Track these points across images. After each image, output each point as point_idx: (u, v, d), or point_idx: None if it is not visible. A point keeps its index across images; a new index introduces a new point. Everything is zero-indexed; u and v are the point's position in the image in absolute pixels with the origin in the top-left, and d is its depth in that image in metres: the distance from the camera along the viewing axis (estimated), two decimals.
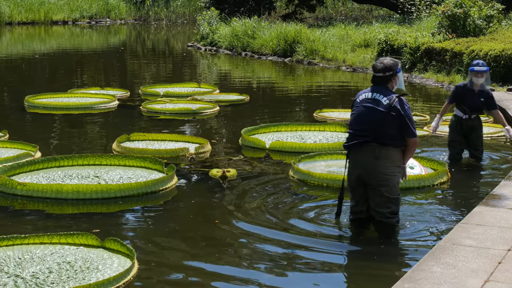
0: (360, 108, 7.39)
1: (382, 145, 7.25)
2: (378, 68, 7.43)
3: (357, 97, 7.50)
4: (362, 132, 7.31)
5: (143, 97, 17.16)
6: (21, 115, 15.12)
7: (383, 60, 7.51)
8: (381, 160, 7.26)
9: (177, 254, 7.09)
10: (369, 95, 7.40)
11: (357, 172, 7.40)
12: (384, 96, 7.32)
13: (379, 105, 7.29)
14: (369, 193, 7.44)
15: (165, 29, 45.37)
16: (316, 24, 32.06)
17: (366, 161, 7.30)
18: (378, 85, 7.44)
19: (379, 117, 7.25)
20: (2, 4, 44.38)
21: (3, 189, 8.91)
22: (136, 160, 10.19)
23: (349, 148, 7.45)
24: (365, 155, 7.30)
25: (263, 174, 10.07)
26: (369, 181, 7.36)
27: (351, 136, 7.44)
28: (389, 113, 7.23)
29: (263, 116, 15.19)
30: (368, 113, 7.31)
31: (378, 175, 7.29)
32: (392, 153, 7.30)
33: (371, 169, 7.29)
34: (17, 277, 6.33)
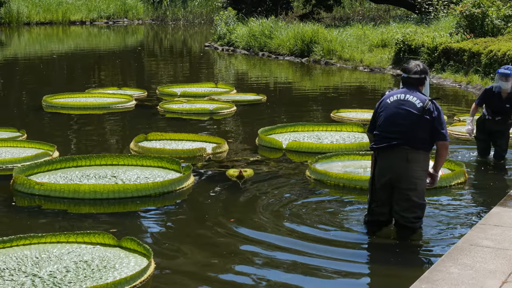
0: (391, 110, 7.30)
1: (414, 148, 7.18)
2: (414, 69, 7.39)
3: (387, 98, 7.41)
4: (394, 134, 7.23)
5: (160, 97, 17.19)
6: (39, 115, 15.18)
7: (417, 62, 7.49)
8: (413, 163, 7.19)
9: (194, 253, 7.09)
10: (402, 96, 7.32)
11: (387, 175, 7.29)
12: (417, 98, 7.26)
13: (412, 107, 7.22)
14: (395, 197, 7.35)
15: (182, 29, 45.44)
16: (333, 24, 32.01)
17: (398, 164, 7.21)
18: (411, 87, 7.38)
19: (412, 120, 7.18)
20: (20, 4, 44.59)
21: (21, 188, 8.95)
22: (153, 160, 10.21)
23: (378, 150, 7.35)
24: (397, 158, 7.21)
25: (279, 174, 10.07)
26: (398, 184, 7.26)
27: (380, 138, 7.33)
28: (423, 116, 7.17)
29: (280, 116, 15.18)
30: (401, 115, 7.23)
31: (408, 178, 7.22)
32: (423, 157, 7.25)
33: (402, 172, 7.21)
34: (34, 276, 6.35)
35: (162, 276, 6.56)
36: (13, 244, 7.08)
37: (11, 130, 12.40)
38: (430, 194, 9.02)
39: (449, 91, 18.78)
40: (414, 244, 7.30)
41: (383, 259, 6.95)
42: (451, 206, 8.62)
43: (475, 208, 8.58)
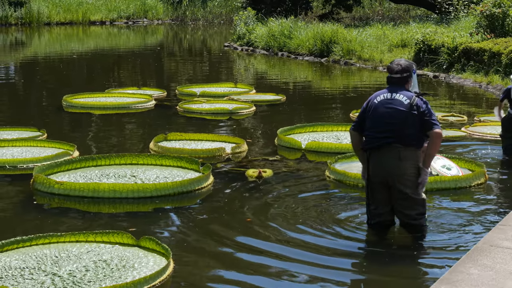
0: (379, 109, 7.27)
1: (406, 145, 7.14)
2: (395, 69, 7.36)
3: (374, 98, 7.39)
4: (384, 133, 7.20)
5: (179, 97, 17.22)
6: (59, 114, 15.25)
7: (399, 61, 7.44)
8: (405, 161, 7.15)
9: (212, 253, 7.10)
10: (388, 95, 7.30)
11: (381, 175, 7.26)
12: (404, 95, 7.24)
13: (400, 105, 7.20)
14: (393, 196, 7.31)
15: (201, 29, 45.50)
16: (353, 24, 31.96)
17: (390, 162, 7.17)
18: (395, 86, 7.36)
19: (401, 117, 7.15)
20: (41, 4, 44.83)
21: (41, 187, 8.99)
22: (172, 159, 10.23)
23: (370, 151, 7.31)
24: (389, 156, 7.18)
25: (299, 175, 10.06)
26: (393, 183, 7.22)
27: (371, 138, 7.30)
28: (411, 112, 7.14)
29: (299, 116, 15.17)
30: (389, 114, 7.20)
31: (403, 176, 7.17)
32: (415, 153, 7.18)
33: (396, 171, 7.16)
34: (54, 275, 6.38)
35: (181, 276, 6.56)
36: (33, 243, 7.12)
37: (31, 129, 12.46)
38: (449, 195, 8.99)
39: (469, 92, 18.69)
40: (432, 245, 7.26)
41: (401, 262, 6.92)
42: (470, 207, 8.57)
43: (495, 209, 8.53)
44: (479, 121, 13.78)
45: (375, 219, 7.49)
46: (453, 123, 13.67)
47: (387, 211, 7.43)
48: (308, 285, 6.37)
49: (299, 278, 6.48)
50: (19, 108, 16.54)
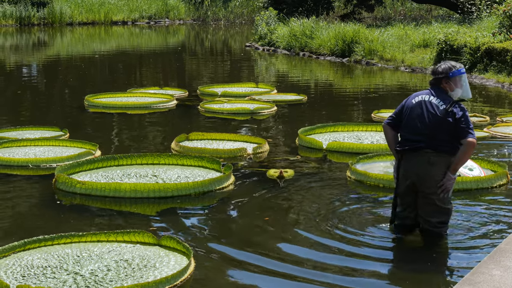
0: (415, 111, 7.18)
1: (437, 151, 7.06)
2: (438, 70, 7.27)
3: (412, 98, 7.31)
4: (417, 136, 7.12)
5: (201, 96, 17.25)
6: (81, 114, 15.31)
7: (443, 63, 7.32)
8: (436, 167, 7.06)
9: (233, 253, 7.10)
10: (426, 98, 7.21)
11: (410, 179, 7.18)
12: (441, 100, 7.14)
13: (436, 109, 7.10)
14: (419, 201, 7.25)
15: (223, 29, 45.55)
16: (375, 24, 31.88)
17: (420, 167, 7.10)
18: (436, 88, 7.26)
19: (435, 122, 7.05)
20: (63, 5, 45.03)
21: (63, 187, 9.03)
22: (193, 159, 10.25)
23: (402, 153, 7.26)
24: (419, 161, 7.10)
25: (320, 175, 10.05)
26: (421, 188, 7.15)
27: (404, 140, 7.24)
28: (445, 118, 7.03)
29: (320, 116, 15.15)
30: (424, 117, 7.11)
31: (432, 182, 7.10)
32: (446, 160, 7.08)
33: (425, 176, 7.09)
34: (76, 275, 6.41)
35: (202, 275, 6.58)
36: (55, 242, 7.15)
37: (54, 129, 12.53)
38: (471, 196, 8.95)
39: (492, 92, 18.60)
40: (453, 246, 7.22)
41: (421, 263, 6.89)
42: (492, 207, 8.53)
43: None
44: (502, 122, 13.71)
45: (400, 221, 7.45)
46: (475, 124, 13.61)
47: (412, 216, 7.36)
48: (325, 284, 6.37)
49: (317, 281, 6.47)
50: (41, 108, 16.63)
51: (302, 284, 6.40)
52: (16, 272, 6.49)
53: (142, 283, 6.13)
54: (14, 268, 6.56)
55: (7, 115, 15.30)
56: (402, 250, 7.22)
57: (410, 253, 7.13)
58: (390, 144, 7.48)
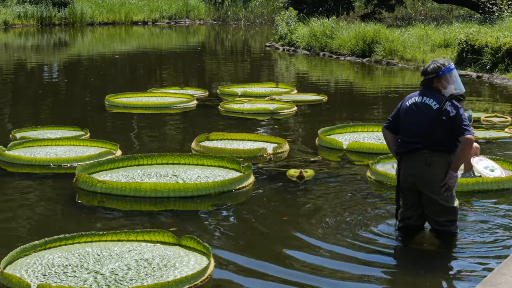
0: (409, 113, 7.18)
1: (434, 151, 7.04)
2: (422, 71, 7.28)
3: (406, 101, 7.29)
4: (413, 138, 7.11)
5: (221, 96, 17.27)
6: (102, 114, 15.37)
7: (431, 62, 7.26)
8: (434, 167, 7.05)
9: (253, 253, 7.10)
10: (419, 99, 7.19)
11: (410, 180, 7.18)
12: (434, 100, 7.10)
13: (428, 109, 7.07)
14: (423, 202, 7.24)
15: (243, 29, 45.57)
16: (395, 24, 31.78)
17: (419, 168, 7.09)
18: (427, 88, 7.23)
19: (429, 123, 7.03)
20: (84, 5, 45.22)
21: (83, 186, 9.07)
22: (214, 159, 10.27)
23: (401, 155, 7.24)
24: (417, 162, 7.09)
25: (340, 175, 10.04)
26: (423, 189, 7.14)
27: (402, 143, 7.23)
28: (439, 117, 7.00)
29: (340, 116, 15.13)
30: (417, 119, 7.09)
31: (431, 183, 7.08)
32: (444, 159, 7.06)
33: (424, 177, 7.08)
34: (96, 273, 6.44)
35: (221, 275, 6.58)
36: (75, 241, 7.19)
37: (74, 129, 12.59)
38: (492, 196, 8.91)
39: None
40: (474, 246, 7.19)
41: (440, 263, 6.87)
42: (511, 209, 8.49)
43: None
44: None
45: (404, 222, 7.42)
46: (496, 124, 13.54)
47: (417, 215, 7.35)
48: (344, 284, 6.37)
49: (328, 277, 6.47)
50: (62, 107, 16.71)
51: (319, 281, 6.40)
52: (37, 271, 6.52)
53: (162, 282, 6.15)
54: (35, 267, 6.60)
55: (28, 115, 15.38)
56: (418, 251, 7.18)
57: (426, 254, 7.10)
58: (390, 147, 7.48)
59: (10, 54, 29.94)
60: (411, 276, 6.57)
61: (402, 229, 7.46)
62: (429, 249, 7.21)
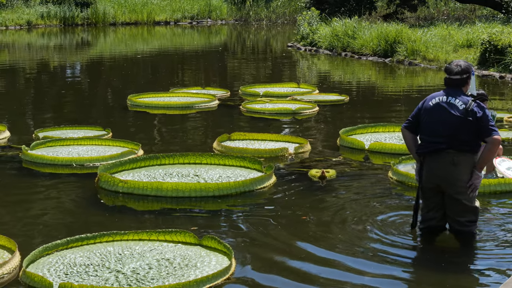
0: (434, 113, 7.12)
1: (459, 151, 6.99)
2: (455, 70, 7.18)
3: (429, 100, 7.24)
4: (438, 138, 7.06)
5: (243, 96, 17.28)
6: (124, 113, 15.43)
7: (458, 62, 7.25)
8: (459, 167, 7.00)
9: (275, 253, 7.10)
10: (444, 98, 7.14)
11: (434, 181, 7.13)
12: (460, 100, 7.06)
13: (455, 109, 7.02)
14: (446, 202, 7.19)
15: (265, 29, 45.56)
16: (418, 24, 31.67)
17: (444, 168, 7.04)
18: (453, 88, 7.19)
19: (455, 123, 6.98)
20: (106, 5, 45.40)
21: (105, 186, 9.11)
22: (235, 159, 10.27)
23: (424, 155, 7.20)
24: (443, 162, 7.04)
25: (362, 175, 10.02)
26: (447, 189, 7.10)
27: (425, 143, 7.18)
28: (466, 118, 6.96)
29: (362, 116, 15.10)
30: (443, 119, 7.05)
31: (457, 183, 7.03)
32: (470, 159, 7.03)
33: (450, 177, 7.04)
34: (118, 272, 6.46)
35: (242, 275, 6.59)
36: (97, 240, 7.22)
37: (97, 128, 12.64)
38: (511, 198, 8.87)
39: None
40: (494, 249, 7.14)
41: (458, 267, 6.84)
42: None
43: None
44: None
45: (426, 223, 7.38)
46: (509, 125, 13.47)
47: (439, 216, 7.32)
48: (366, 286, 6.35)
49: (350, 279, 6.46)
50: (85, 107, 16.79)
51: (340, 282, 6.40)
52: (59, 270, 6.56)
53: (183, 282, 6.16)
54: (57, 266, 6.63)
55: (51, 115, 15.47)
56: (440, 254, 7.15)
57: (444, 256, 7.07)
58: (409, 147, 7.43)
59: (33, 54, 30.12)
60: (433, 277, 6.55)
61: (424, 230, 7.43)
62: (450, 250, 7.19)
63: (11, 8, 43.78)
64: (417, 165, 7.34)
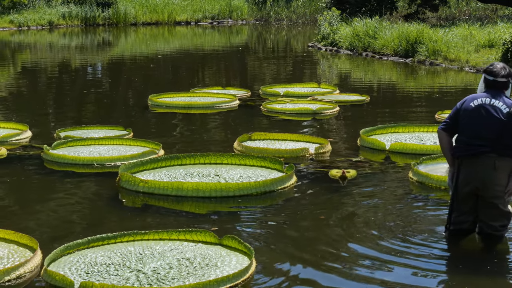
0: (475, 115, 6.98)
1: (501, 155, 6.88)
2: (502, 73, 7.06)
3: (470, 101, 7.08)
4: (479, 141, 6.92)
5: (263, 96, 17.28)
6: (145, 113, 15.46)
7: (503, 65, 7.14)
8: (499, 171, 6.88)
9: (295, 253, 7.10)
10: (487, 100, 7.00)
11: (472, 184, 6.99)
12: (503, 103, 6.95)
13: (499, 112, 6.91)
14: (481, 206, 7.07)
15: (285, 29, 45.54)
16: (439, 24, 31.55)
17: (484, 172, 6.91)
18: (496, 91, 7.08)
19: (499, 126, 6.87)
20: (128, 5, 45.55)
21: (126, 185, 9.14)
22: (256, 159, 10.27)
23: (462, 158, 7.07)
24: (483, 166, 6.91)
25: (382, 176, 9.99)
26: (483, 193, 6.98)
27: (464, 145, 7.02)
28: (510, 121, 6.86)
29: (383, 116, 15.06)
30: (486, 121, 6.92)
31: (495, 187, 6.92)
32: (510, 164, 6.92)
33: (490, 181, 6.91)
34: (139, 272, 6.48)
35: (263, 275, 6.59)
36: (117, 240, 7.24)
37: (118, 128, 12.68)
38: None
39: None
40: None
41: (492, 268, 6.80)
42: None
43: None
44: None
45: (456, 226, 7.27)
46: None
47: (470, 220, 7.22)
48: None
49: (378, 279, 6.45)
50: (106, 107, 16.85)
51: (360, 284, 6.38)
52: (80, 269, 6.59)
53: (203, 281, 6.17)
54: (78, 265, 6.66)
55: (72, 114, 15.54)
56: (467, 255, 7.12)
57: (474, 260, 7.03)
58: (445, 150, 7.25)
59: (54, 54, 30.27)
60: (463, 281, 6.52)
61: (453, 232, 7.32)
62: (481, 253, 7.11)
63: (33, 9, 44.04)
64: (451, 169, 7.22)
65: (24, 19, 42.02)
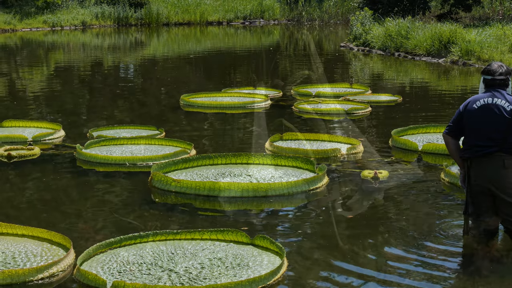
0: (480, 115, 6.93)
1: (509, 153, 6.83)
2: (499, 71, 7.05)
3: (472, 103, 7.04)
4: (486, 141, 6.88)
5: (295, 97, 17.26)
6: (177, 113, 15.51)
7: (500, 63, 7.12)
8: (510, 169, 6.83)
9: (326, 253, 7.09)
10: (490, 100, 6.97)
11: (484, 185, 6.94)
12: (506, 101, 6.91)
13: (503, 110, 6.87)
14: (498, 204, 6.99)
15: (317, 29, 45.48)
16: (472, 24, 31.35)
17: (494, 172, 6.86)
18: (496, 89, 7.04)
19: (504, 124, 6.82)
20: (160, 5, 45.76)
21: (158, 185, 9.17)
22: (287, 159, 10.27)
23: (470, 159, 7.01)
24: (493, 165, 6.86)
25: (414, 176, 9.94)
26: (497, 192, 6.91)
27: (472, 147, 6.97)
28: None
29: (415, 117, 14.98)
30: (491, 121, 6.87)
31: (508, 185, 6.87)
32: None
33: (501, 180, 6.86)
34: (171, 271, 6.50)
35: (294, 275, 6.59)
36: (150, 239, 7.27)
37: (150, 128, 12.74)
38: None
39: None
40: None
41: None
42: None
43: None
44: None
45: (478, 228, 7.19)
46: None
47: (491, 220, 7.14)
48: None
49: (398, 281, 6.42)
50: (138, 107, 16.92)
51: None
52: (112, 268, 6.62)
53: (235, 281, 6.17)
54: (110, 264, 6.70)
55: (105, 114, 15.63)
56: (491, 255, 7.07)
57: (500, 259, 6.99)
58: (453, 153, 7.21)
59: (87, 54, 30.47)
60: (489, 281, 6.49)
61: (476, 235, 7.25)
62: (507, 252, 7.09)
63: (66, 9, 44.37)
64: (462, 171, 7.18)
65: (57, 19, 42.36)
